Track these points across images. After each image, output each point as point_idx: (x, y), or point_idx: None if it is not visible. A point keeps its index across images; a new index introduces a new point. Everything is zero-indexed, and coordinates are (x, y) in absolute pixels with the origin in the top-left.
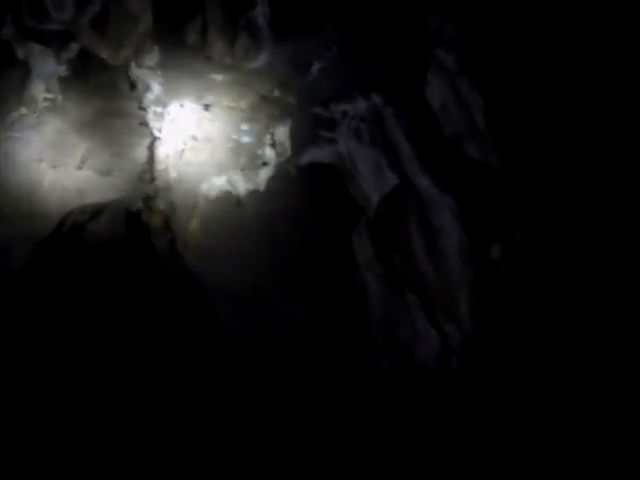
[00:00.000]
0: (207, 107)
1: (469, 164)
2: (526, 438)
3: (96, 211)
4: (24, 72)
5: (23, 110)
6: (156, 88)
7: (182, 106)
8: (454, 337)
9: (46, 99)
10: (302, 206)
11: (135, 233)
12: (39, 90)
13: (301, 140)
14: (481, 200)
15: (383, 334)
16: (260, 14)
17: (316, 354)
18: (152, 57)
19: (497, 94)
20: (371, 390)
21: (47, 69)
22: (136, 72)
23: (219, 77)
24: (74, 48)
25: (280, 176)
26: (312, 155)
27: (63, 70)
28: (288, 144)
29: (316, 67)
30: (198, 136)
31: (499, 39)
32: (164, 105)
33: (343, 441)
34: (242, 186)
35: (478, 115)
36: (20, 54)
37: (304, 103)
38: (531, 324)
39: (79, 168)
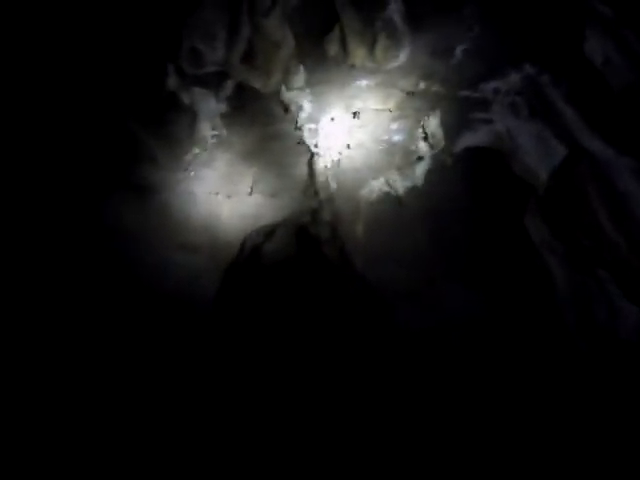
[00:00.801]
0: (356, 114)
1: None
2: None
3: (269, 232)
4: (191, 116)
5: (195, 150)
6: (307, 106)
7: (333, 119)
8: None
9: (213, 136)
10: (464, 194)
11: (306, 246)
12: (206, 129)
13: (453, 127)
14: None
15: (575, 315)
16: (395, 12)
17: (497, 343)
18: (299, 78)
19: None
20: (570, 375)
21: (210, 109)
22: (287, 95)
23: (363, 82)
24: (229, 85)
25: (437, 168)
26: (467, 140)
27: (223, 107)
28: (440, 134)
29: (459, 50)
30: (351, 144)
31: None
32: (316, 121)
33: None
34: (400, 184)
35: None
36: (185, 100)
37: (452, 89)
38: None
39: (250, 194)
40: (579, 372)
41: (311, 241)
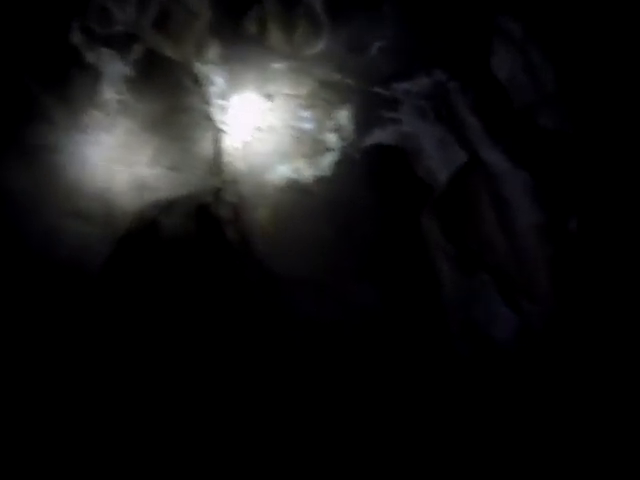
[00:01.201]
0: (269, 97)
1: (541, 135)
2: (606, 425)
3: (168, 206)
4: (94, 76)
5: (96, 113)
6: (219, 82)
7: (245, 98)
8: (532, 316)
9: (116, 101)
10: (369, 189)
11: (206, 226)
12: (110, 92)
13: (364, 122)
14: (556, 172)
15: (457, 315)
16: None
17: (389, 337)
18: (214, 52)
19: (569, 60)
20: (447, 373)
21: (115, 71)
22: (199, 68)
23: (279, 66)
24: (139, 49)
25: (345, 161)
26: (376, 137)
27: (130, 71)
28: (351, 128)
29: (375, 47)
30: (262, 126)
31: (567, 2)
32: (228, 98)
33: (419, 425)
34: (307, 173)
35: (549, 83)
36: (89, 58)
37: (365, 85)
38: (613, 302)
39: (150, 166)
40: (458, 376)
41: (212, 220)
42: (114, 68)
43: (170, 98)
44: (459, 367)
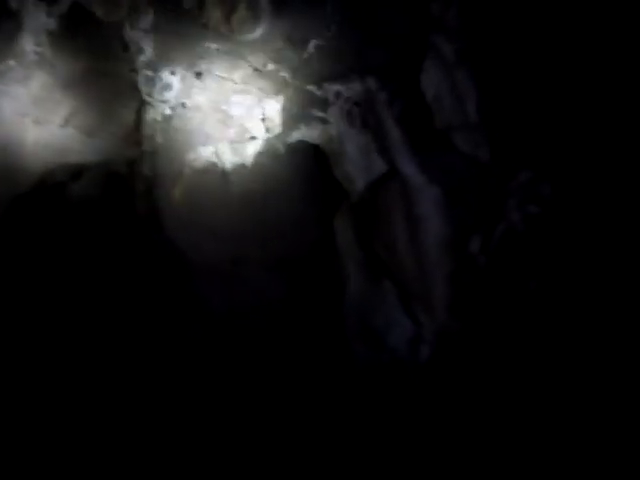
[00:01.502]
0: (199, 75)
1: (458, 156)
2: (492, 433)
3: (78, 171)
4: (16, 24)
5: (11, 62)
6: (149, 51)
7: (173, 72)
8: (427, 327)
9: (35, 53)
10: (288, 184)
11: (116, 196)
12: (29, 43)
13: (292, 117)
14: (466, 193)
15: (358, 319)
16: None
17: (291, 333)
18: (147, 19)
19: (493, 89)
20: (342, 374)
21: (38, 22)
22: (129, 33)
23: (213, 46)
24: (67, 2)
25: (268, 152)
26: (302, 133)
27: (52, 24)
28: (278, 120)
29: (313, 45)
30: (188, 104)
31: (501, 33)
32: (155, 69)
33: (313, 422)
34: (229, 159)
35: (471, 108)
36: (13, 5)
37: (298, 80)
38: (506, 321)
39: (63, 126)
40: (351, 378)
41: (124, 192)
42: (37, 18)
43: (94, 59)
44: (353, 370)
